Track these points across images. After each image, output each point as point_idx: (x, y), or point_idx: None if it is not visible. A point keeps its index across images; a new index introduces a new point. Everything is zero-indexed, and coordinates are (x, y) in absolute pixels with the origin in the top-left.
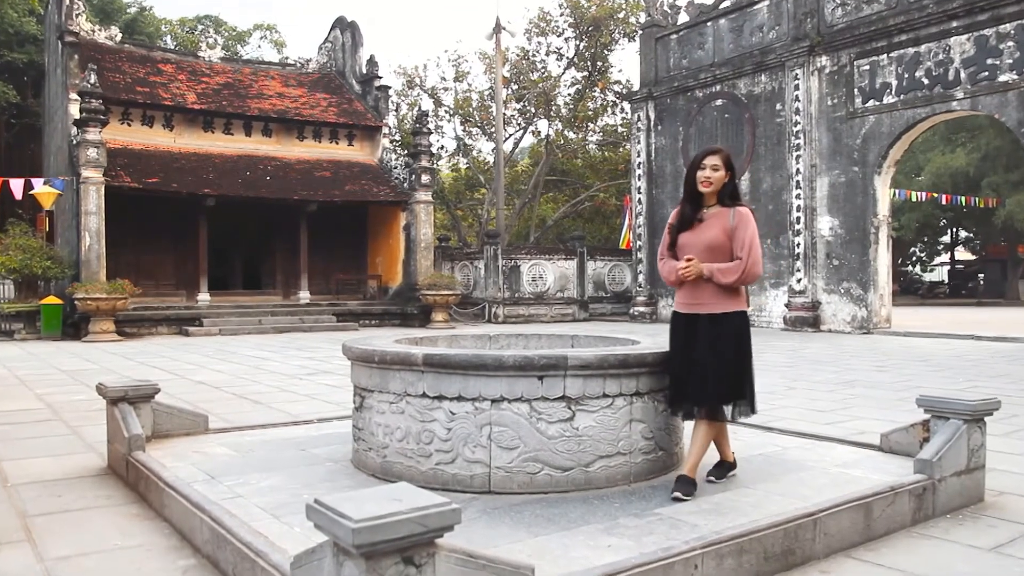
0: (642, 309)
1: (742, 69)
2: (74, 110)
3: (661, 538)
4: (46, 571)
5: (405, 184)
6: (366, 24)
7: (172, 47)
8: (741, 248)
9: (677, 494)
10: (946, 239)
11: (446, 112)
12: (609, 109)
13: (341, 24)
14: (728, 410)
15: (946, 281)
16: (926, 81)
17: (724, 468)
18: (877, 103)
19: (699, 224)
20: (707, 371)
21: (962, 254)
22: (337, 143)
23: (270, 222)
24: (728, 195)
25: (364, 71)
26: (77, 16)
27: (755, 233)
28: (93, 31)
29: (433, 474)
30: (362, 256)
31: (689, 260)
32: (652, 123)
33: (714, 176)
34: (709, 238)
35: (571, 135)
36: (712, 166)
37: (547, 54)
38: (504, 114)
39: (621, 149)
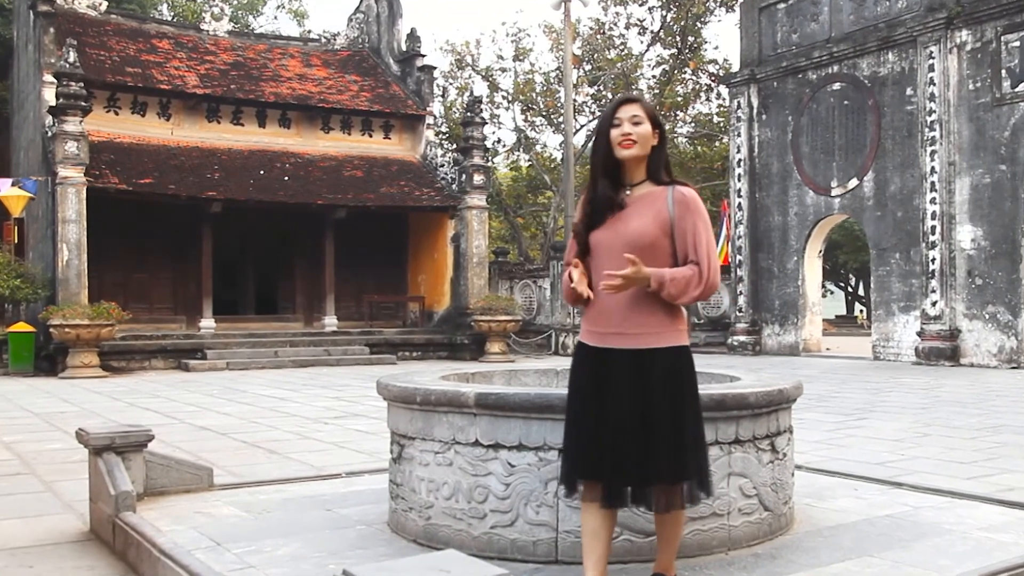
0: (743, 339)
1: (865, 46)
2: (49, 95)
3: None
4: None
5: (454, 186)
6: None
7: (169, 18)
8: (695, 248)
9: None
10: None
11: (504, 98)
12: (703, 94)
13: None
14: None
15: None
16: None
17: None
18: None
19: (619, 213)
20: (630, 436)
21: None
22: (371, 136)
23: (289, 232)
24: (662, 166)
25: (404, 48)
26: None
27: (710, 224)
28: None
29: (488, 539)
30: (401, 274)
31: (611, 276)
32: (755, 111)
33: (637, 131)
34: (635, 233)
35: None
36: (632, 118)
37: (627, 27)
38: (575, 100)
39: (717, 143)
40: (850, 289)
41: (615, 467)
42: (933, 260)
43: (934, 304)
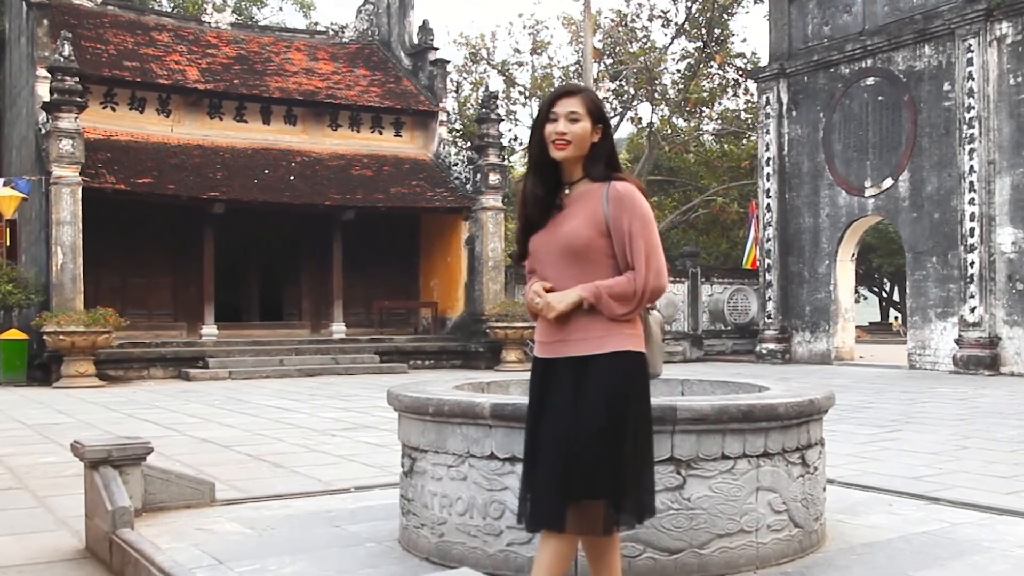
0: (772, 346)
1: (900, 39)
2: (43, 90)
3: None
4: None
5: (468, 186)
6: None
7: (169, 9)
8: (631, 249)
9: None
10: None
11: (520, 93)
12: (730, 89)
13: None
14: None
15: None
16: None
17: None
18: None
19: (558, 215)
20: (559, 447)
21: None
22: (381, 133)
23: (294, 235)
24: (602, 163)
25: (415, 41)
26: None
27: (651, 221)
28: None
29: (504, 558)
30: (412, 278)
31: (539, 292)
32: (785, 107)
33: (573, 130)
34: (568, 236)
35: (681, 123)
36: (569, 115)
37: (650, 19)
38: None
39: (745, 141)
40: (884, 294)
41: (540, 482)
42: (972, 264)
43: (973, 310)
